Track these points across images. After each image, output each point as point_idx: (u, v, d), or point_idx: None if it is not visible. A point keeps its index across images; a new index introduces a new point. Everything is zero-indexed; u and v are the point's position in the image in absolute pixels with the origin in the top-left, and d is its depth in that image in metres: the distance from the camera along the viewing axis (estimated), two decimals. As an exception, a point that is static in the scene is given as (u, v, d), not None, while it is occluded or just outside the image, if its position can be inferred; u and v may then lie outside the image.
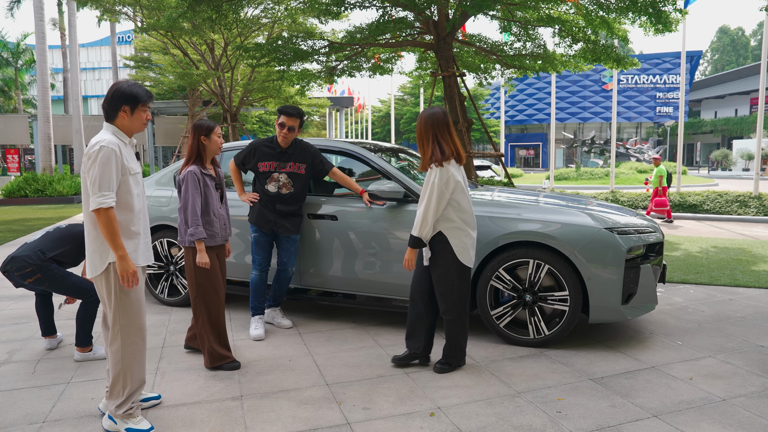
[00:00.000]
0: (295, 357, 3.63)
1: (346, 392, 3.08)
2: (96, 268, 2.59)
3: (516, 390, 3.10)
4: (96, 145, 2.50)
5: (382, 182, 4.04)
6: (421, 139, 3.27)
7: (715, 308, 4.75)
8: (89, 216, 2.58)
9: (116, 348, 2.62)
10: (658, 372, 3.35)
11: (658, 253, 3.95)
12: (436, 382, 3.21)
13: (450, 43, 9.54)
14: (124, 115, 2.60)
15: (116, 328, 2.61)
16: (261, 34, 17.70)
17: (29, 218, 12.27)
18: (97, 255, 2.58)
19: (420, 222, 3.21)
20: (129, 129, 2.64)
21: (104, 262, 2.57)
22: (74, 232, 3.67)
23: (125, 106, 2.58)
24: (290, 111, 4.05)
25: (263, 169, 4.07)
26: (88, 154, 2.50)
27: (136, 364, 2.66)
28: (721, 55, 70.72)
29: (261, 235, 4.10)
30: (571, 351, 3.71)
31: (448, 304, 3.31)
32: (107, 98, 2.58)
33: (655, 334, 4.07)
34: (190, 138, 3.44)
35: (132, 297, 2.63)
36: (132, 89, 2.59)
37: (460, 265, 3.27)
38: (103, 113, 2.61)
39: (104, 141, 2.51)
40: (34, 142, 27.70)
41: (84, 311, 3.55)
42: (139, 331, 2.66)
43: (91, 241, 2.59)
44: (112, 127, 2.61)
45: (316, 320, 4.47)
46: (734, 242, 8.27)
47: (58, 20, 30.02)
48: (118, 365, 2.62)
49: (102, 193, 2.46)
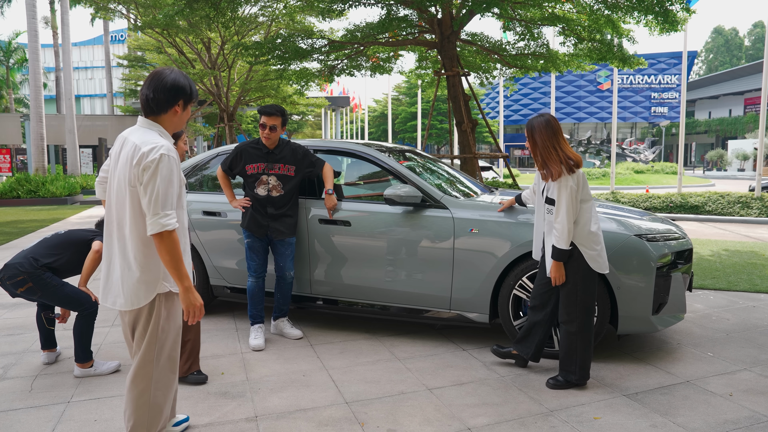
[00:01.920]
0: (309, 372, 3.43)
1: (368, 411, 2.88)
2: (138, 300, 2.15)
3: (548, 408, 2.92)
4: (155, 153, 2.04)
5: (398, 186, 3.85)
6: (546, 149, 3.08)
7: (740, 316, 4.60)
8: (137, 239, 2.11)
9: (141, 390, 2.21)
10: (695, 387, 3.18)
11: (687, 260, 3.78)
12: (462, 400, 3.02)
13: (454, 42, 9.37)
14: (177, 110, 2.20)
15: (148, 367, 2.20)
16: (257, 32, 17.46)
17: (22, 220, 11.98)
18: (143, 285, 2.14)
19: (565, 233, 3.01)
20: (174, 127, 2.24)
21: (151, 294, 2.16)
22: (73, 239, 3.45)
23: (181, 101, 2.19)
24: (269, 110, 3.88)
25: (251, 172, 3.91)
26: (145, 165, 2.03)
27: (167, 404, 2.30)
28: (715, 56, 71.08)
29: (254, 240, 3.93)
30: (598, 364, 3.53)
31: (571, 315, 3.14)
32: (160, 88, 2.12)
33: (683, 345, 3.90)
34: None
35: (175, 331, 2.27)
36: (191, 83, 2.22)
37: (587, 274, 3.10)
38: (147, 105, 2.15)
39: (163, 147, 2.06)
40: (26, 141, 27.32)
41: (80, 324, 3.32)
42: (175, 366, 2.31)
43: (138, 268, 2.13)
44: (156, 125, 2.17)
45: (327, 330, 4.27)
46: (744, 245, 8.15)
47: (50, 19, 29.58)
48: (140, 413, 2.21)
49: (165, 213, 2.04)
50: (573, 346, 3.15)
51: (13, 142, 27.87)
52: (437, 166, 4.84)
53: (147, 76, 2.18)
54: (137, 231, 2.11)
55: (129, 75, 26.59)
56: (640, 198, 13.69)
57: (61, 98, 29.02)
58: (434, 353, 3.74)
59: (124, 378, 3.33)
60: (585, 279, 3.10)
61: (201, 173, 4.73)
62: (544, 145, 3.10)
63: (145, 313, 2.19)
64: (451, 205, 3.83)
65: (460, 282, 3.73)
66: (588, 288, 3.12)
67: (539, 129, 3.13)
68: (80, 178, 18.87)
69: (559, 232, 3.03)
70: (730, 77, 50.01)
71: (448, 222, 3.76)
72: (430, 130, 38.13)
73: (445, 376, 3.34)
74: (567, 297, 3.15)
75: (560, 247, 3.05)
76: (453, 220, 3.75)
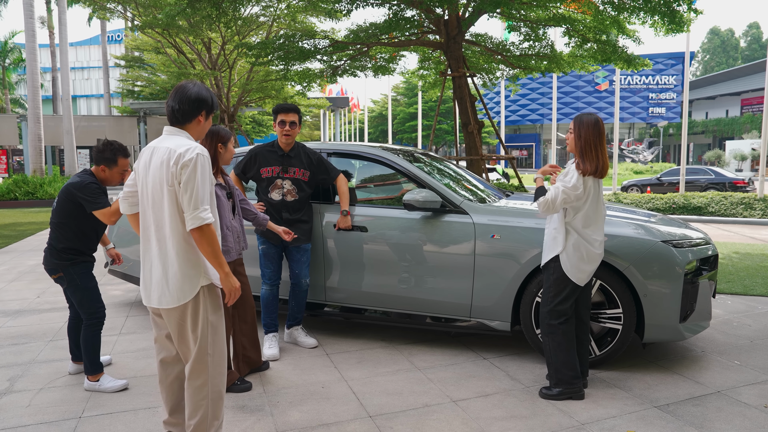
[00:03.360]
0: (328, 383, 3.32)
1: (394, 426, 2.78)
2: (184, 294, 2.23)
3: (579, 421, 2.82)
4: (191, 153, 2.17)
5: (417, 191, 3.75)
6: (588, 145, 3.05)
7: (761, 322, 4.51)
8: (179, 236, 2.21)
9: (201, 384, 2.29)
10: (727, 398, 3.08)
11: (712, 266, 3.69)
12: (489, 412, 2.92)
13: (460, 43, 9.27)
14: (201, 120, 2.35)
15: (204, 359, 2.29)
16: (257, 33, 17.34)
17: (20, 222, 11.81)
18: (187, 280, 2.23)
19: (549, 205, 3.05)
20: (197, 135, 2.38)
21: (195, 287, 2.25)
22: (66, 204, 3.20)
23: (204, 111, 2.35)
24: (286, 107, 3.80)
25: (266, 175, 3.79)
26: (183, 164, 2.15)
27: (224, 390, 2.40)
28: (711, 56, 71.30)
29: (269, 246, 3.81)
30: (624, 373, 3.44)
31: (543, 316, 3.14)
32: (185, 100, 2.28)
33: (708, 353, 3.81)
34: (205, 144, 3.12)
35: (222, 321, 2.38)
36: (212, 95, 2.39)
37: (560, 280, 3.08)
38: (173, 115, 2.31)
39: (197, 148, 2.21)
40: (23, 142, 27.08)
41: (86, 335, 3.19)
42: (224, 352, 2.40)
43: (181, 264, 2.22)
44: (183, 132, 2.32)
45: (342, 338, 4.16)
46: (753, 247, 8.08)
47: (47, 18, 29.35)
48: (203, 404, 2.30)
49: (203, 207, 2.17)
50: (546, 348, 3.14)
51: (10, 143, 27.63)
52: (451, 169, 4.74)
53: (173, 89, 2.34)
54: (177, 229, 2.22)
55: (127, 75, 26.42)
56: (642, 199, 13.63)
57: (58, 99, 28.78)
58: (455, 362, 3.64)
59: (135, 391, 3.21)
60: (557, 283, 3.06)
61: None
62: (587, 141, 3.07)
63: (191, 308, 2.27)
64: (472, 211, 3.73)
65: (481, 289, 3.63)
66: (559, 293, 3.06)
67: (587, 125, 3.10)
68: (78, 180, 18.67)
69: (546, 199, 3.01)
70: (727, 78, 50.13)
71: (469, 228, 3.66)
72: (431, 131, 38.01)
73: (469, 387, 3.24)
74: (543, 295, 3.17)
75: (536, 202, 3.05)
76: (474, 226, 3.65)
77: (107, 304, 5.18)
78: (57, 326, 4.47)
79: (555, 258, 3.07)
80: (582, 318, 3.20)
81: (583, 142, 3.07)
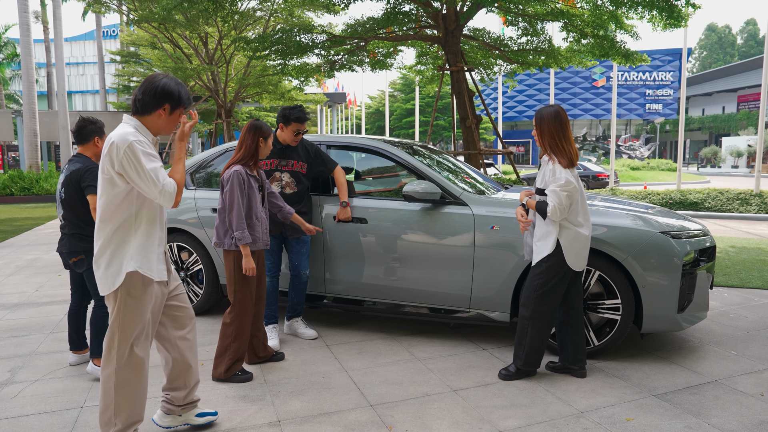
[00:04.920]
0: (329, 373, 3.33)
1: (394, 415, 2.80)
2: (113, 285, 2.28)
3: (578, 409, 2.85)
4: (121, 139, 2.18)
5: (416, 182, 3.76)
6: (552, 139, 3.10)
7: (757, 313, 4.55)
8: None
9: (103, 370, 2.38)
10: (724, 387, 3.11)
11: (710, 258, 3.72)
12: (489, 401, 2.94)
13: (458, 37, 9.27)
14: (162, 114, 2.30)
15: None
16: (254, 28, 17.28)
17: (17, 218, 11.78)
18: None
19: (558, 212, 3.05)
20: (158, 130, 2.34)
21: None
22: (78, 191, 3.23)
23: (167, 105, 2.29)
24: (304, 117, 3.85)
25: (265, 168, 3.81)
26: (114, 151, 2.19)
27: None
28: (708, 53, 71.43)
29: (269, 238, 3.81)
30: (623, 363, 3.46)
31: (528, 299, 3.17)
32: (148, 90, 2.25)
33: (705, 343, 3.84)
34: (247, 138, 3.28)
35: None
36: (182, 91, 2.32)
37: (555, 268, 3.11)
38: (134, 105, 2.28)
39: (128, 135, 2.20)
40: (18, 138, 26.95)
41: (96, 317, 3.25)
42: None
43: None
44: (134, 120, 2.29)
45: (341, 330, 4.18)
46: (749, 242, 8.13)
47: (41, 13, 29.14)
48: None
49: (161, 180, 2.25)
50: (524, 330, 3.18)
51: (4, 139, 27.49)
52: (449, 161, 4.75)
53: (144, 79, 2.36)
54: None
55: (122, 71, 26.29)
56: (639, 195, 13.68)
57: (53, 94, 28.62)
58: (454, 353, 3.66)
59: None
60: (551, 270, 3.09)
61: (209, 170, 4.62)
62: (552, 135, 3.11)
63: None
64: (471, 202, 3.74)
65: (481, 280, 3.65)
66: (551, 280, 3.10)
67: (548, 119, 3.12)
68: (74, 175, 18.61)
69: (558, 209, 3.01)
70: (724, 74, 50.27)
71: (468, 219, 3.67)
72: (428, 126, 38.00)
73: (469, 377, 3.26)
74: (530, 282, 3.17)
75: (551, 215, 3.04)
76: (473, 217, 3.67)
77: (106, 297, 5.19)
78: (56, 319, 4.47)
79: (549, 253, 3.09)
80: (575, 307, 3.23)
81: (548, 137, 3.12)
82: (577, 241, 3.07)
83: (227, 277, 3.26)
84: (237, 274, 3.20)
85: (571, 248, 3.07)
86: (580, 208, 3.11)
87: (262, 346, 3.47)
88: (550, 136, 3.12)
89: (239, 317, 3.21)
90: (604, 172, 20.26)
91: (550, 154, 3.14)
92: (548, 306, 3.14)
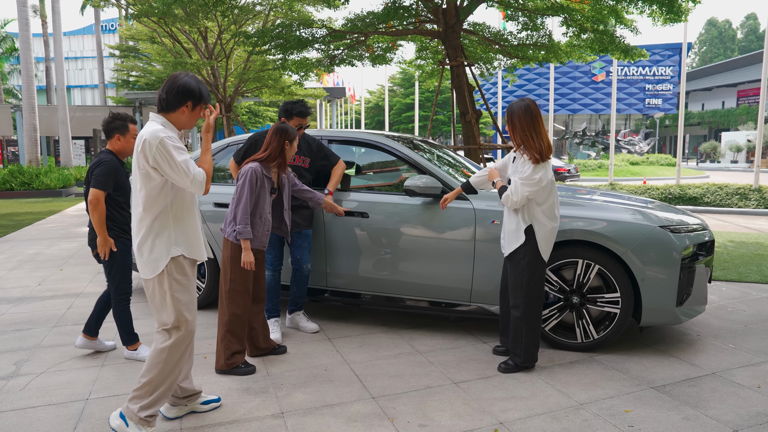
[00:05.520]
0: (331, 366, 3.37)
1: (396, 406, 2.83)
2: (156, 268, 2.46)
3: (577, 401, 2.88)
4: (153, 135, 2.36)
5: (417, 177, 3.78)
6: (524, 132, 3.13)
7: (755, 307, 4.59)
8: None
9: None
10: (721, 379, 3.15)
11: (709, 252, 3.75)
12: (490, 393, 2.98)
13: (458, 32, 9.25)
14: (185, 110, 2.46)
15: None
16: (253, 23, 17.22)
17: (17, 213, 11.79)
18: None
19: (516, 202, 3.13)
20: (182, 125, 2.50)
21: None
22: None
23: (189, 102, 2.45)
24: (307, 111, 3.85)
25: None
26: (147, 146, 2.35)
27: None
28: (708, 48, 71.28)
29: (268, 240, 3.84)
30: (622, 356, 3.50)
31: (517, 300, 3.22)
32: (171, 89, 2.42)
33: (703, 336, 3.88)
34: (273, 140, 3.35)
35: None
36: (202, 88, 2.49)
37: (534, 261, 3.17)
38: (159, 103, 2.45)
39: (159, 131, 2.36)
40: (17, 133, 26.89)
41: (116, 311, 3.42)
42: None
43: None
44: (161, 118, 2.45)
45: (343, 323, 4.21)
46: (748, 236, 8.17)
47: (39, 7, 29.00)
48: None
49: (192, 170, 2.42)
50: (518, 330, 3.23)
51: (4, 134, 27.45)
52: (450, 156, 4.77)
53: (167, 78, 2.48)
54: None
55: (121, 65, 26.20)
56: (638, 189, 13.71)
57: (52, 89, 28.54)
58: (455, 346, 3.70)
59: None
60: (531, 266, 3.16)
61: (211, 164, 4.63)
62: (522, 129, 3.14)
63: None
64: (471, 196, 3.77)
65: (481, 274, 3.68)
66: (534, 275, 3.17)
67: (518, 113, 3.16)
68: (74, 170, 18.62)
69: (512, 200, 3.09)
70: (724, 69, 50.20)
71: (469, 213, 3.70)
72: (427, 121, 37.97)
73: (470, 370, 3.29)
74: (514, 282, 3.22)
75: (502, 200, 3.14)
76: (474, 211, 3.69)
77: (109, 291, 5.22)
78: (60, 312, 4.50)
79: (521, 245, 3.16)
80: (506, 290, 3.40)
81: (519, 132, 3.15)
82: (551, 235, 3.18)
83: (222, 266, 3.33)
84: (232, 264, 3.26)
85: (545, 241, 3.16)
86: (556, 202, 3.18)
87: (262, 337, 3.51)
88: (521, 130, 3.15)
89: (231, 307, 3.26)
90: (564, 166, 20.78)
91: (521, 149, 3.18)
92: (536, 300, 3.21)
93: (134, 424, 2.41)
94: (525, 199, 3.10)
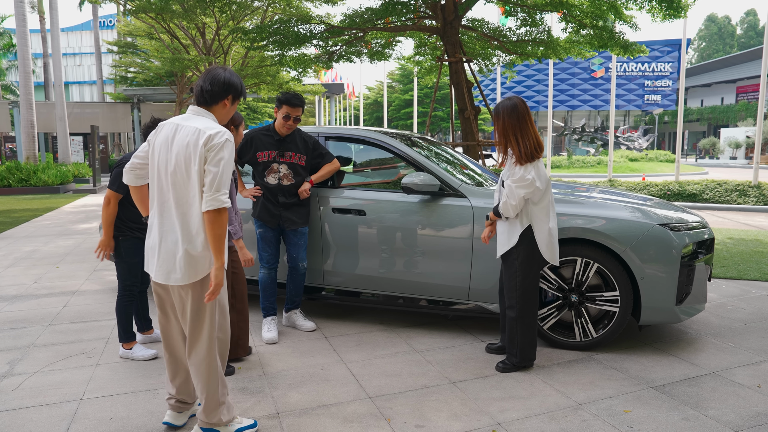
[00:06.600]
0: (327, 365, 3.34)
1: (393, 407, 2.80)
2: (196, 274, 2.31)
3: (576, 401, 2.86)
4: (220, 137, 2.24)
5: (415, 174, 3.74)
6: (508, 133, 3.08)
7: (755, 305, 4.57)
8: (201, 216, 2.26)
9: (198, 360, 2.49)
10: (721, 378, 3.13)
11: (709, 250, 3.72)
12: (488, 393, 2.95)
13: (457, 28, 9.20)
14: (226, 104, 2.43)
15: (213, 339, 2.44)
16: (251, 18, 17.14)
17: (15, 209, 11.75)
18: (205, 260, 2.31)
19: (513, 208, 3.10)
20: (221, 119, 2.47)
21: (209, 267, 2.33)
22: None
23: (230, 96, 2.43)
24: (295, 101, 3.76)
25: (262, 159, 3.78)
26: (211, 146, 2.21)
27: (223, 364, 2.64)
28: (708, 44, 71.16)
29: (266, 230, 3.82)
30: (620, 355, 3.48)
31: (511, 300, 3.19)
32: (215, 81, 2.36)
33: (703, 335, 3.86)
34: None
35: (224, 298, 2.57)
36: (241, 82, 2.49)
37: (528, 261, 3.14)
38: (202, 96, 2.38)
39: (226, 133, 2.28)
40: (15, 129, 26.79)
41: (118, 305, 3.44)
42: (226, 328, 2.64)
43: (202, 245, 2.30)
44: (209, 114, 2.40)
45: (340, 322, 4.18)
46: (747, 233, 8.15)
47: (37, 3, 28.85)
48: (213, 375, 2.52)
49: (223, 191, 2.22)
50: (513, 330, 3.21)
51: (1, 130, 27.34)
52: (448, 153, 4.73)
53: (204, 72, 2.44)
54: (191, 209, 2.27)
55: (119, 61, 26.10)
56: (637, 186, 13.68)
57: (50, 85, 28.41)
58: (453, 345, 3.67)
59: (135, 374, 3.22)
60: (525, 266, 3.13)
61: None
62: (506, 129, 3.08)
63: (199, 287, 2.33)
64: (470, 194, 3.73)
65: (479, 273, 3.65)
66: (528, 275, 3.14)
67: (503, 113, 3.10)
68: (72, 167, 18.56)
69: (510, 204, 3.05)
70: (723, 65, 50.11)
71: (467, 211, 3.67)
72: (426, 117, 37.89)
73: (467, 369, 3.27)
74: (509, 282, 3.20)
75: (503, 212, 3.10)
76: (472, 209, 3.66)
77: (104, 288, 5.18)
78: (55, 311, 4.47)
79: (513, 247, 3.12)
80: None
81: (502, 133, 3.09)
82: (552, 236, 3.13)
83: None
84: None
85: (547, 246, 3.12)
86: (550, 200, 3.14)
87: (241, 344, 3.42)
88: (504, 129, 3.10)
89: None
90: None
91: (507, 149, 3.12)
92: (531, 300, 3.19)
93: (224, 426, 2.44)
94: (522, 201, 3.06)
